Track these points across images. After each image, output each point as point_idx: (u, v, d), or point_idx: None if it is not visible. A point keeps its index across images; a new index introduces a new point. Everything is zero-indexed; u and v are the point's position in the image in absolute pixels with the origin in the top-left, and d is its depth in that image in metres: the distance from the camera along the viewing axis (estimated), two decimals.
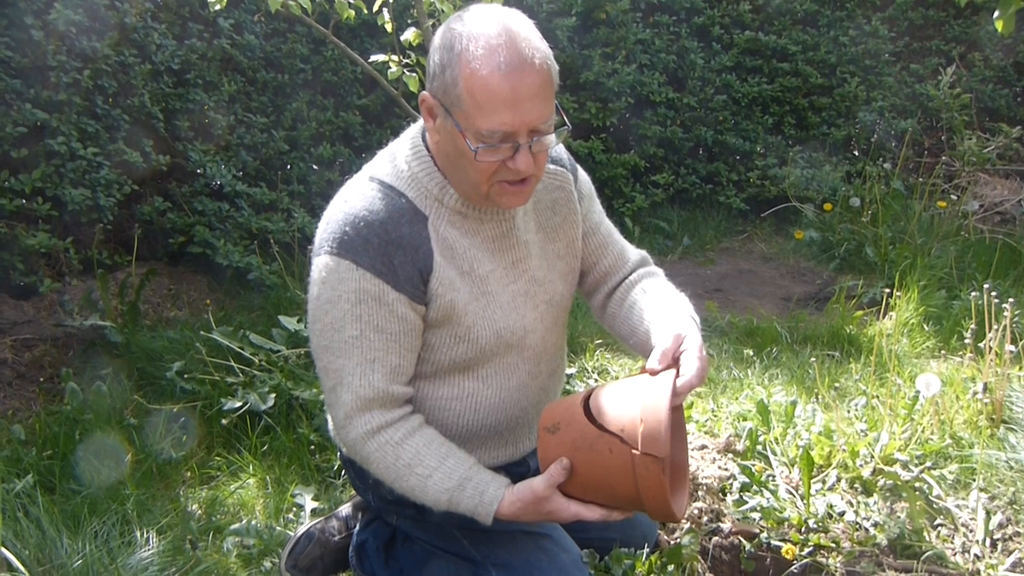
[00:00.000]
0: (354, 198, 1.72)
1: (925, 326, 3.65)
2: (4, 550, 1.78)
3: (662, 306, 1.82)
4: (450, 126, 1.62)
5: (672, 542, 2.19)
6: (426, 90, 1.67)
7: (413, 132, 1.81)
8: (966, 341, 2.82)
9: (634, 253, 2.08)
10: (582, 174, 2.00)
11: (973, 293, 2.79)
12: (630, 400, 1.58)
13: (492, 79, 1.54)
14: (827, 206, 5.27)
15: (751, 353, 3.53)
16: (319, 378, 1.79)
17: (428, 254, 1.71)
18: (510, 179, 1.66)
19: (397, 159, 1.78)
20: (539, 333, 1.90)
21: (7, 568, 1.78)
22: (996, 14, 1.91)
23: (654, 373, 1.62)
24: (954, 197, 5.15)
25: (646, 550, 2.05)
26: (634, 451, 1.53)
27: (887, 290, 3.58)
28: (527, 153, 1.61)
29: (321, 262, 1.71)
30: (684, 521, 2.31)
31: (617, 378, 3.28)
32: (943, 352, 3.37)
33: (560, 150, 1.97)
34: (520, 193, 1.70)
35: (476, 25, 1.58)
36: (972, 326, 2.79)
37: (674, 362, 1.64)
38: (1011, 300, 2.67)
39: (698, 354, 1.63)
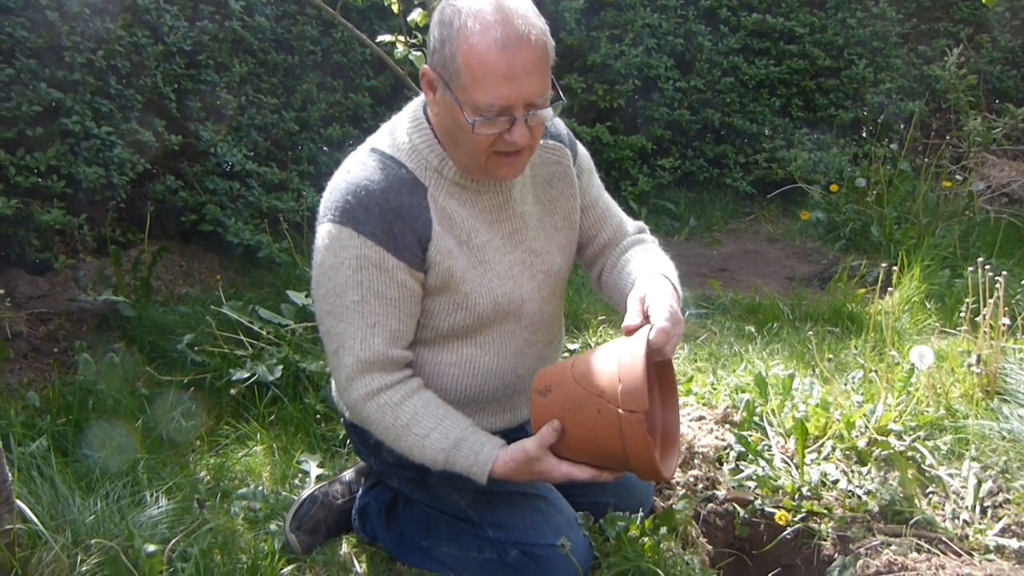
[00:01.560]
0: (356, 168, 1.78)
1: (927, 304, 3.67)
2: (19, 502, 1.85)
3: (641, 270, 1.87)
4: (449, 99, 1.67)
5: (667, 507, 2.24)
6: (427, 64, 1.72)
7: (414, 106, 1.86)
8: (961, 315, 2.86)
9: (632, 225, 2.14)
10: (581, 149, 2.05)
11: (971, 269, 2.82)
12: (611, 361, 1.64)
13: (489, 54, 1.60)
14: (833, 187, 5.29)
15: (752, 329, 3.57)
16: (322, 342, 1.85)
17: (427, 223, 1.77)
18: (506, 150, 1.71)
19: (398, 132, 1.84)
20: (536, 302, 1.95)
21: (22, 520, 1.85)
22: None
23: (630, 332, 1.68)
24: (959, 178, 5.16)
25: (640, 514, 2.10)
26: (619, 410, 1.59)
27: (886, 266, 3.60)
28: (523, 126, 1.67)
29: (324, 230, 1.77)
30: (680, 488, 2.36)
31: None
32: (944, 329, 3.40)
33: (559, 126, 2.02)
34: (515, 164, 1.76)
35: (474, 1, 1.63)
36: (967, 300, 2.83)
37: (646, 319, 1.70)
38: (1004, 273, 2.70)
39: (666, 304, 1.68)
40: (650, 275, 1.82)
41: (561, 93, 1.74)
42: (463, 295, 1.84)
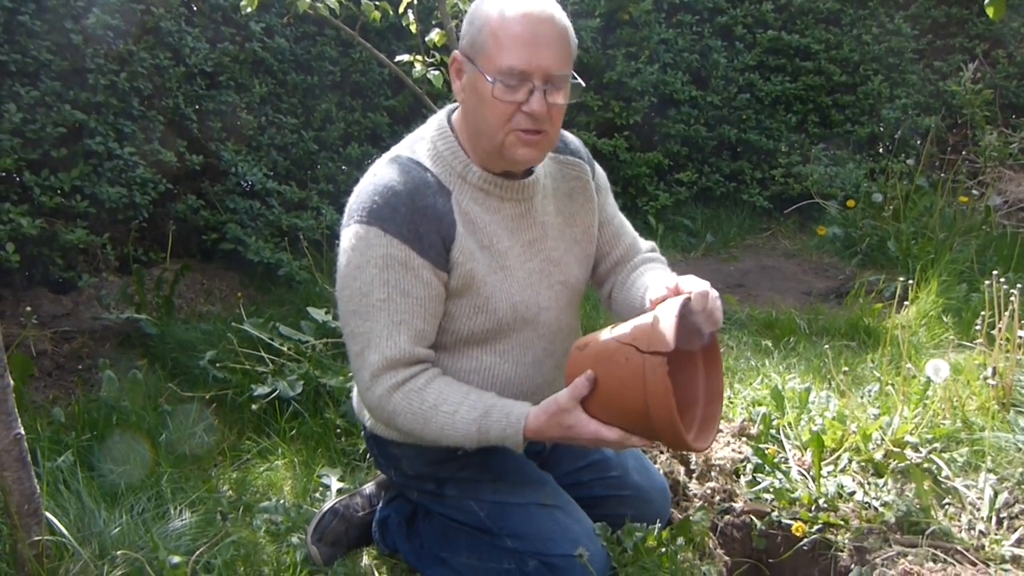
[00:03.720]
0: (383, 172, 1.83)
1: (944, 318, 3.67)
2: (47, 514, 1.89)
3: (656, 280, 1.90)
4: (474, 75, 1.75)
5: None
6: (456, 51, 1.81)
7: (439, 116, 1.93)
8: (977, 329, 2.86)
9: (644, 244, 2.19)
10: (599, 168, 2.12)
11: (987, 283, 2.83)
12: (647, 316, 1.68)
13: (513, 22, 1.71)
14: (850, 203, 5.30)
15: (769, 344, 3.59)
16: (346, 344, 1.85)
17: (451, 224, 1.81)
18: (525, 127, 1.76)
19: (423, 139, 1.90)
20: (553, 311, 1.98)
21: (49, 532, 1.89)
22: (987, 1, 1.98)
23: (655, 304, 1.71)
24: (976, 193, 5.16)
25: (658, 525, 2.11)
26: (644, 354, 1.60)
27: (903, 280, 3.61)
28: (540, 97, 1.73)
29: (351, 231, 1.80)
30: (697, 500, 2.37)
31: None
32: (961, 342, 3.40)
33: (578, 144, 2.09)
34: (533, 144, 1.79)
35: None
36: (982, 313, 2.83)
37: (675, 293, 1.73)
38: (1020, 286, 2.70)
39: (701, 280, 1.74)
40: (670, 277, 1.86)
41: (580, 80, 1.81)
42: (484, 299, 1.86)
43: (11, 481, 1.83)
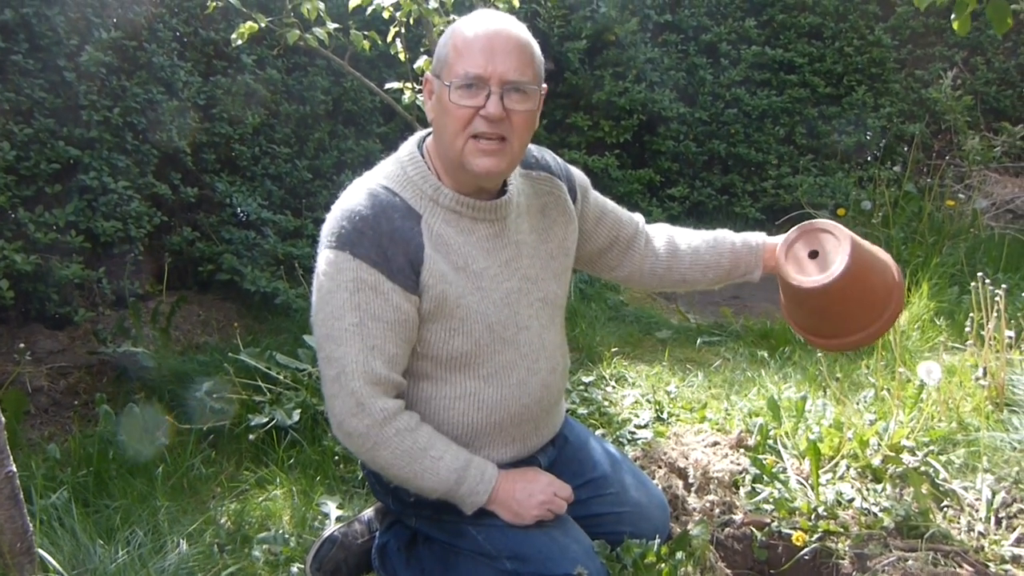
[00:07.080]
0: (350, 197, 1.87)
1: (937, 321, 3.69)
2: (41, 551, 1.88)
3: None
4: (439, 89, 1.82)
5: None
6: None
7: (411, 141, 1.97)
8: (967, 330, 2.88)
9: (636, 215, 2.27)
10: (575, 173, 2.15)
11: (973, 284, 2.85)
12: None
13: (472, 35, 1.80)
14: (840, 211, 5.33)
15: (765, 354, 3.60)
16: (320, 368, 1.86)
17: (419, 247, 1.82)
18: (483, 131, 1.79)
19: (393, 165, 1.93)
20: (534, 330, 1.98)
21: (43, 569, 1.88)
22: (953, 16, 2.02)
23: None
24: (963, 196, 5.20)
25: (657, 541, 2.11)
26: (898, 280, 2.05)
27: None
28: (497, 100, 1.78)
29: (323, 257, 1.84)
30: (696, 513, 2.37)
31: (634, 384, 3.37)
32: (955, 345, 3.41)
33: (549, 159, 2.10)
34: (492, 153, 1.82)
35: (472, 14, 1.86)
36: (971, 315, 2.85)
37: None
38: (1004, 287, 2.72)
39: None
40: None
41: (543, 89, 1.87)
42: (458, 320, 1.87)
43: (3, 519, 1.82)
